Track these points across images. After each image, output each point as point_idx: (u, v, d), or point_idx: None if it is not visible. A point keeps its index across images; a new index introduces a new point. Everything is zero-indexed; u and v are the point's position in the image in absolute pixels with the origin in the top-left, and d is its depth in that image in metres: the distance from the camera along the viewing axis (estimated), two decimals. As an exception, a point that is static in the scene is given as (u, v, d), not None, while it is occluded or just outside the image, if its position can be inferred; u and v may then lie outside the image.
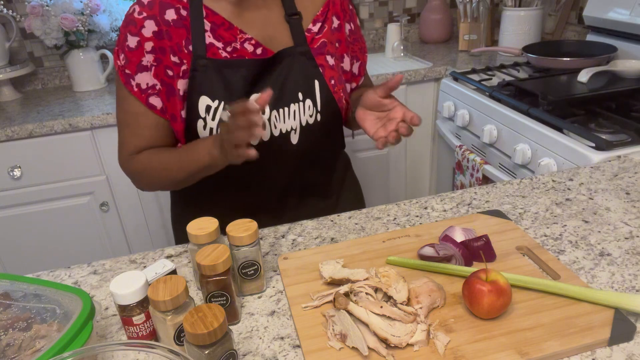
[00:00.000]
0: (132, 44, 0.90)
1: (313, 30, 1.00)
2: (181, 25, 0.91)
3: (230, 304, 0.67)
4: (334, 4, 1.02)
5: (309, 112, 0.97)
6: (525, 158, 1.35)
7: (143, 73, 0.91)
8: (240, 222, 0.73)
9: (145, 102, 0.92)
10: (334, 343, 0.62)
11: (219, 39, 0.93)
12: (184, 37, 0.91)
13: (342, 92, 1.02)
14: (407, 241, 0.83)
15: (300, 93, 0.96)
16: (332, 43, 1.02)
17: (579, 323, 0.63)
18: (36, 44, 2.14)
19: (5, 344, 0.59)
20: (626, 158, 1.10)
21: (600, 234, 0.83)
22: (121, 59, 0.92)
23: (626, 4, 1.61)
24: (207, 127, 0.92)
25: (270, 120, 0.94)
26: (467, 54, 2.14)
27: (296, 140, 0.97)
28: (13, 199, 1.78)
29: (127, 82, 0.92)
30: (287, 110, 0.95)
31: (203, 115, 0.92)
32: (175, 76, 0.92)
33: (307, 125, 0.97)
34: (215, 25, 0.93)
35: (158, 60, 0.91)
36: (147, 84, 0.92)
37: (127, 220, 1.93)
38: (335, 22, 1.03)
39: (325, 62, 0.99)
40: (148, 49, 0.90)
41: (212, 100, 0.91)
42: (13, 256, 1.86)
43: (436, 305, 0.67)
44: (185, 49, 0.92)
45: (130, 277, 0.64)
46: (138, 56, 0.90)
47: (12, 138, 1.69)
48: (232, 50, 0.94)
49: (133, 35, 0.90)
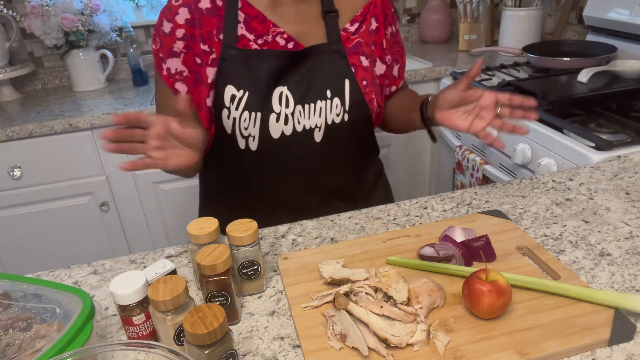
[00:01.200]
0: (167, 30, 0.93)
1: (350, 30, 0.99)
2: (214, 15, 0.93)
3: (230, 304, 0.67)
4: (375, 5, 1.01)
5: (336, 110, 0.95)
6: (525, 158, 1.35)
7: (173, 59, 0.94)
8: (240, 222, 0.73)
9: (171, 86, 0.95)
10: (334, 343, 0.62)
11: (251, 31, 0.94)
12: (215, 26, 0.93)
13: (373, 94, 0.99)
14: (407, 241, 0.83)
15: (328, 91, 0.95)
16: (368, 45, 1.00)
17: (579, 323, 0.63)
18: (36, 44, 2.14)
19: (5, 344, 0.58)
20: (626, 158, 1.10)
21: (600, 234, 0.83)
22: (157, 43, 0.95)
23: (626, 4, 1.61)
24: (231, 116, 0.93)
25: (294, 115, 0.93)
26: (467, 54, 2.14)
27: (320, 138, 0.96)
28: (13, 199, 1.78)
29: (159, 65, 0.95)
30: (313, 107, 0.94)
31: (228, 104, 0.93)
32: (203, 64, 0.93)
33: (333, 124, 0.96)
34: (249, 17, 0.94)
35: (188, 47, 0.93)
36: (175, 69, 0.94)
37: (127, 220, 1.93)
38: (373, 24, 1.01)
39: (358, 63, 0.98)
40: (179, 35, 0.92)
41: (238, 90, 0.92)
42: (13, 256, 1.87)
43: (436, 305, 0.67)
44: (216, 38, 0.93)
45: (130, 277, 0.64)
46: (170, 42, 0.93)
47: (12, 138, 1.69)
48: (263, 42, 0.94)
49: (168, 21, 0.92)
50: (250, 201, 1.01)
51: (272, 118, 0.92)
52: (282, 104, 0.93)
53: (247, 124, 0.92)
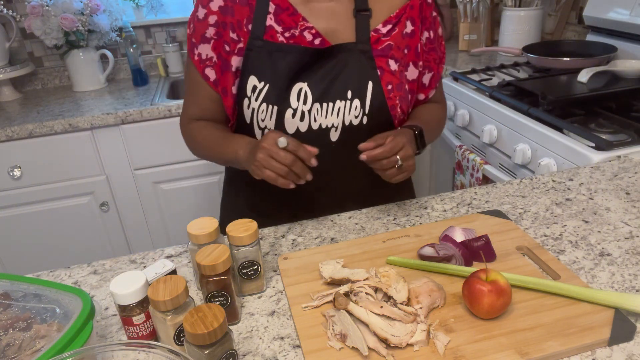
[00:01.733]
0: (201, 15, 0.94)
1: (381, 31, 0.96)
2: (246, 4, 0.93)
3: (230, 304, 0.67)
4: (412, 8, 0.97)
5: (354, 112, 0.94)
6: (525, 158, 1.35)
7: (204, 44, 0.95)
8: (240, 222, 0.73)
9: (201, 72, 0.96)
10: (334, 343, 0.62)
11: (280, 23, 0.93)
12: (246, 15, 0.93)
13: (398, 99, 0.96)
14: (407, 241, 0.83)
15: (349, 91, 0.93)
16: (400, 48, 0.97)
17: (579, 323, 0.63)
18: (36, 44, 2.14)
19: (5, 344, 0.58)
20: (626, 158, 1.10)
21: (600, 234, 0.83)
22: (191, 28, 0.96)
23: (626, 4, 1.61)
24: (250, 106, 0.94)
25: (311, 113, 0.93)
26: (467, 54, 2.14)
27: (336, 138, 0.95)
28: (13, 199, 1.78)
29: (191, 50, 0.96)
30: (332, 106, 0.93)
31: (249, 94, 0.93)
32: (231, 52, 0.94)
33: (350, 125, 0.94)
34: (279, 9, 0.93)
35: (218, 34, 0.94)
36: (206, 55, 0.95)
37: (127, 220, 1.93)
38: (409, 27, 0.97)
39: (386, 66, 0.95)
40: (212, 22, 0.93)
41: (259, 81, 0.93)
42: (13, 256, 1.87)
43: (436, 305, 0.67)
44: (245, 28, 0.93)
45: (130, 277, 0.64)
46: (203, 27, 0.94)
47: (12, 138, 1.69)
48: (290, 36, 0.93)
49: (203, 7, 0.94)
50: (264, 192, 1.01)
51: (289, 113, 0.92)
52: (300, 100, 0.93)
53: (264, 116, 0.93)
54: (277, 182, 0.83)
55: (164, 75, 2.25)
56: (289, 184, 0.83)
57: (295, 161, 0.82)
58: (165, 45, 2.18)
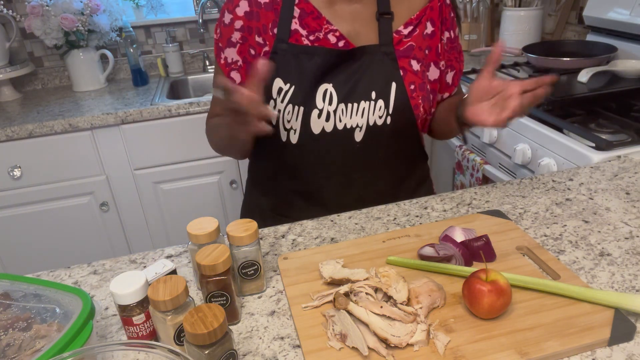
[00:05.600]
0: (227, 20, 0.97)
1: (403, 33, 0.97)
2: (271, 9, 0.95)
3: (230, 304, 0.67)
4: (432, 9, 0.99)
5: (379, 112, 0.95)
6: (525, 158, 1.35)
7: (230, 48, 0.98)
8: (240, 222, 0.73)
9: (227, 74, 1.00)
10: (334, 343, 0.62)
11: (305, 27, 0.95)
12: (271, 20, 0.95)
13: (421, 99, 0.97)
14: (407, 241, 0.83)
15: (373, 92, 0.95)
16: (422, 49, 0.99)
17: (579, 323, 0.63)
18: (36, 44, 2.14)
19: (5, 344, 0.59)
20: (626, 158, 1.10)
21: (600, 234, 0.83)
22: (217, 33, 0.99)
23: (626, 4, 1.61)
24: (276, 108, 0.95)
25: (337, 113, 0.94)
26: (467, 54, 2.14)
27: (360, 138, 0.96)
28: (13, 199, 1.78)
29: (218, 54, 1.00)
30: (356, 107, 0.95)
31: (275, 96, 0.95)
32: (257, 55, 0.97)
33: (374, 125, 0.95)
34: (304, 13, 0.95)
35: (244, 38, 0.97)
36: (232, 59, 0.98)
37: (127, 220, 1.93)
38: (429, 28, 0.99)
39: (408, 66, 0.97)
40: (237, 27, 0.96)
41: (285, 83, 0.94)
42: (13, 256, 1.87)
43: (436, 305, 0.67)
44: (270, 32, 0.95)
45: (130, 277, 0.64)
46: (229, 32, 0.97)
47: (12, 138, 1.69)
48: (314, 39, 0.95)
49: (229, 13, 0.97)
50: (288, 193, 1.03)
51: (315, 114, 0.94)
52: (326, 101, 0.94)
53: (290, 116, 0.95)
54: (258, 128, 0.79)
55: (164, 75, 2.25)
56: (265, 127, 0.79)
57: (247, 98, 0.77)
58: (165, 45, 2.18)
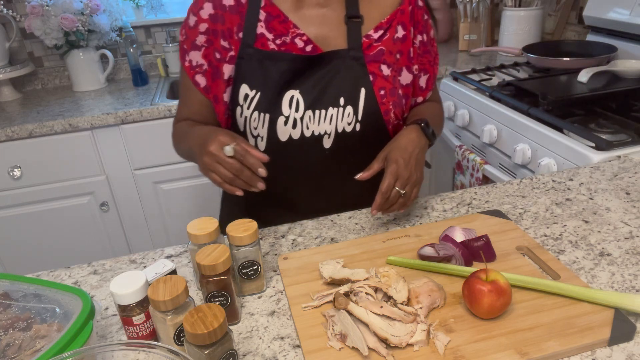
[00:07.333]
0: (191, 23, 0.95)
1: (373, 37, 0.95)
2: (236, 12, 0.94)
3: (230, 304, 0.67)
4: (402, 12, 0.97)
5: (347, 119, 0.93)
6: (525, 158, 1.35)
7: (195, 51, 0.96)
8: (240, 222, 0.73)
9: (192, 78, 0.97)
10: (334, 343, 0.62)
11: (271, 31, 0.94)
12: (236, 24, 0.94)
13: (391, 105, 0.96)
14: (407, 241, 0.83)
15: (342, 98, 0.93)
16: (392, 53, 0.97)
17: (579, 323, 0.63)
18: (36, 44, 2.14)
19: (5, 344, 0.59)
20: (626, 158, 1.10)
21: (600, 234, 0.83)
22: (182, 34, 0.97)
23: (626, 4, 1.61)
24: (243, 114, 0.94)
25: (304, 120, 0.93)
26: (467, 54, 2.14)
27: (329, 145, 0.94)
28: (13, 199, 1.78)
29: (182, 57, 0.97)
30: (324, 113, 0.93)
31: (241, 102, 0.94)
32: (222, 60, 0.95)
33: (343, 132, 0.94)
34: (270, 17, 0.94)
35: (209, 41, 0.95)
36: (197, 62, 0.96)
37: (127, 220, 1.93)
38: (400, 32, 0.97)
39: (378, 71, 0.95)
40: (202, 29, 0.94)
41: (251, 89, 0.93)
42: (13, 256, 1.87)
43: (436, 305, 0.67)
44: (236, 36, 0.94)
45: (130, 277, 0.64)
46: (194, 35, 0.95)
47: (12, 138, 1.69)
48: (281, 43, 0.93)
49: (193, 15, 0.95)
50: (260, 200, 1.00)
51: (281, 121, 0.92)
52: (292, 107, 0.92)
53: (256, 124, 0.93)
54: (223, 187, 0.82)
55: (164, 75, 2.25)
56: (235, 191, 0.81)
57: (241, 170, 0.79)
58: (165, 45, 2.18)
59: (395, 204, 0.85)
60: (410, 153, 0.87)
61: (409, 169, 0.85)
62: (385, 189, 0.82)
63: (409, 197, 0.85)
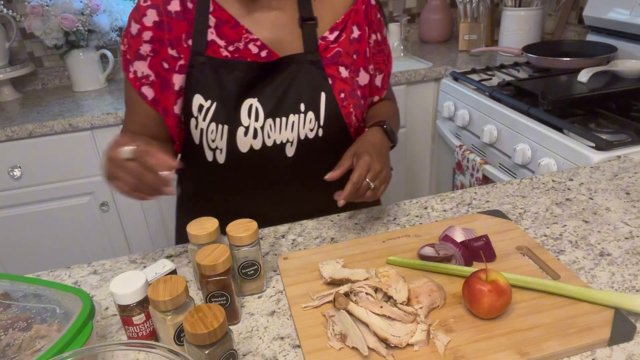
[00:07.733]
0: (134, 31, 0.89)
1: (329, 39, 0.93)
2: (183, 19, 0.88)
3: (230, 304, 0.67)
4: (356, 12, 0.95)
5: (309, 125, 0.91)
6: (525, 158, 1.35)
7: (140, 61, 0.90)
8: (240, 222, 0.73)
9: (137, 90, 0.91)
10: (334, 343, 0.62)
11: (222, 37, 0.89)
12: (184, 31, 0.88)
13: (352, 107, 0.94)
14: (407, 241, 0.83)
15: (302, 104, 0.90)
16: (349, 54, 0.95)
17: (579, 323, 0.63)
18: (36, 44, 2.14)
19: (5, 344, 0.59)
20: (626, 158, 1.10)
21: (600, 234, 0.83)
22: (125, 44, 0.91)
23: (626, 4, 1.61)
24: (198, 127, 0.89)
25: (264, 129, 0.90)
26: (467, 54, 2.14)
27: (292, 153, 0.92)
28: (13, 199, 1.78)
29: (126, 68, 0.91)
30: (285, 121, 0.90)
31: (195, 114, 0.89)
32: (171, 70, 0.89)
33: (306, 139, 0.91)
34: (220, 22, 0.89)
35: (155, 51, 0.89)
36: (142, 73, 0.90)
37: (127, 220, 1.93)
38: (355, 32, 0.95)
39: (337, 74, 0.93)
40: (146, 38, 0.88)
41: (205, 100, 0.88)
42: (13, 256, 1.86)
43: (436, 305, 0.67)
44: (185, 44, 0.89)
45: (130, 277, 0.64)
46: (137, 44, 0.89)
47: (12, 138, 1.69)
48: (234, 50, 0.89)
49: (135, 22, 0.88)
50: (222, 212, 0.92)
51: (240, 132, 0.89)
52: (252, 117, 0.89)
53: (214, 136, 0.89)
54: (130, 196, 0.75)
55: (164, 75, 2.24)
56: (144, 197, 0.74)
57: (143, 173, 0.71)
58: (165, 45, 2.18)
59: (363, 196, 0.82)
60: (379, 150, 0.86)
61: (381, 163, 0.84)
62: (356, 179, 0.80)
63: (377, 192, 0.83)
